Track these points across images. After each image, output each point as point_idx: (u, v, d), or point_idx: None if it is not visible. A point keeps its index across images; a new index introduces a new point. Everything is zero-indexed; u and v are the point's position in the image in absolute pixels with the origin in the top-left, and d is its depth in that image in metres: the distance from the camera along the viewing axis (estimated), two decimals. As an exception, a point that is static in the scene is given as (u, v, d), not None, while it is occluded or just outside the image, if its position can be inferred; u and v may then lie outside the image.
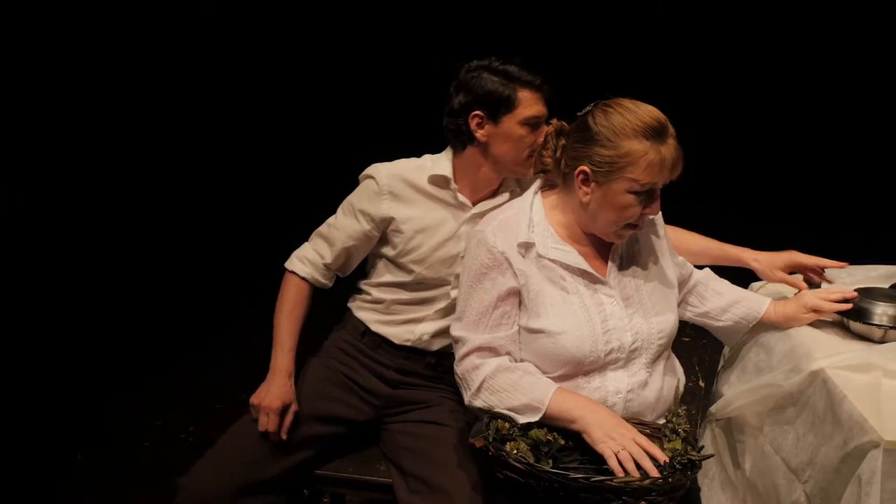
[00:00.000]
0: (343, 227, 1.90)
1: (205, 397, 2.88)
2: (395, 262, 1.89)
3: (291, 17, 5.44)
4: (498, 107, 1.75)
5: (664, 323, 1.61)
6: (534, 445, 1.41)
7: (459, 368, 1.60)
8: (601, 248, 1.64)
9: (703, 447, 1.49)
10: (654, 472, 1.35)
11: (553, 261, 1.58)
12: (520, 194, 1.79)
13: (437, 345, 1.91)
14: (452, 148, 1.87)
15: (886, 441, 1.30)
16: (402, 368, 1.91)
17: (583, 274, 1.59)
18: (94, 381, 3.28)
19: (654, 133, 1.45)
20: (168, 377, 3.32)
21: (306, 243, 1.96)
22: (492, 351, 1.58)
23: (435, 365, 1.92)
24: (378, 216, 1.85)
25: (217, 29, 5.25)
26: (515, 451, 1.37)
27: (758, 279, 2.13)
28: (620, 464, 1.37)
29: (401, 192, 1.85)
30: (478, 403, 1.55)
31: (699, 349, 3.41)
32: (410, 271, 1.87)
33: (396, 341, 1.91)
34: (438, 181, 1.85)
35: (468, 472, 1.68)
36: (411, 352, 1.91)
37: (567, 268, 1.59)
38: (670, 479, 1.34)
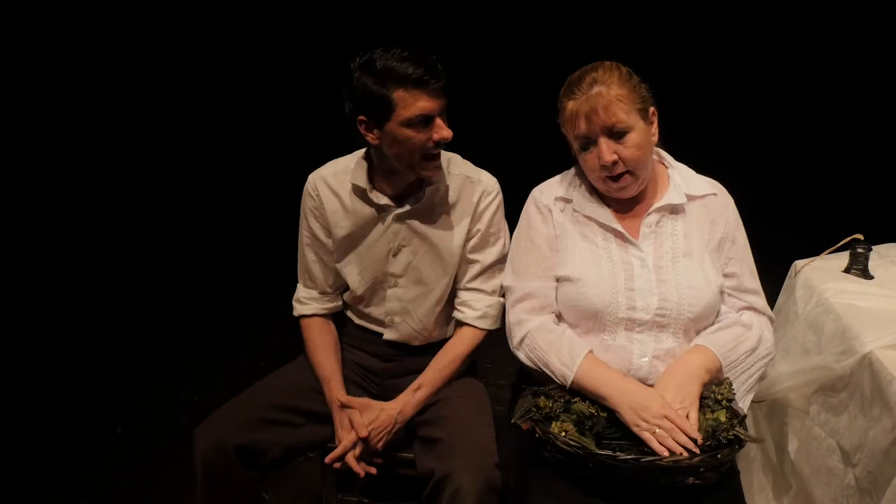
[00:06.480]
0: (307, 247, 1.91)
1: (241, 374, 2.92)
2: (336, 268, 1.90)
3: (304, 15, 5.42)
4: (377, 110, 1.61)
5: (696, 299, 1.57)
6: (578, 421, 1.40)
7: (508, 318, 1.68)
8: (641, 214, 1.65)
9: (744, 416, 1.45)
10: (690, 446, 1.33)
11: (588, 217, 1.65)
12: (444, 189, 1.77)
13: (416, 341, 1.91)
14: (365, 147, 1.79)
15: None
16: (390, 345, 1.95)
17: (615, 233, 1.63)
18: (135, 360, 3.34)
19: None
20: (206, 355, 3.38)
21: (298, 284, 1.97)
22: (537, 300, 1.64)
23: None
24: (318, 217, 1.85)
25: (234, 29, 5.24)
26: (563, 434, 1.36)
27: (800, 258, 2.07)
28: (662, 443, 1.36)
29: (327, 197, 1.83)
30: (520, 356, 1.64)
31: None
32: (347, 275, 1.88)
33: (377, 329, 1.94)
34: (358, 191, 1.80)
35: (480, 425, 1.70)
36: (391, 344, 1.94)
37: (601, 225, 1.64)
38: (718, 456, 1.33)
